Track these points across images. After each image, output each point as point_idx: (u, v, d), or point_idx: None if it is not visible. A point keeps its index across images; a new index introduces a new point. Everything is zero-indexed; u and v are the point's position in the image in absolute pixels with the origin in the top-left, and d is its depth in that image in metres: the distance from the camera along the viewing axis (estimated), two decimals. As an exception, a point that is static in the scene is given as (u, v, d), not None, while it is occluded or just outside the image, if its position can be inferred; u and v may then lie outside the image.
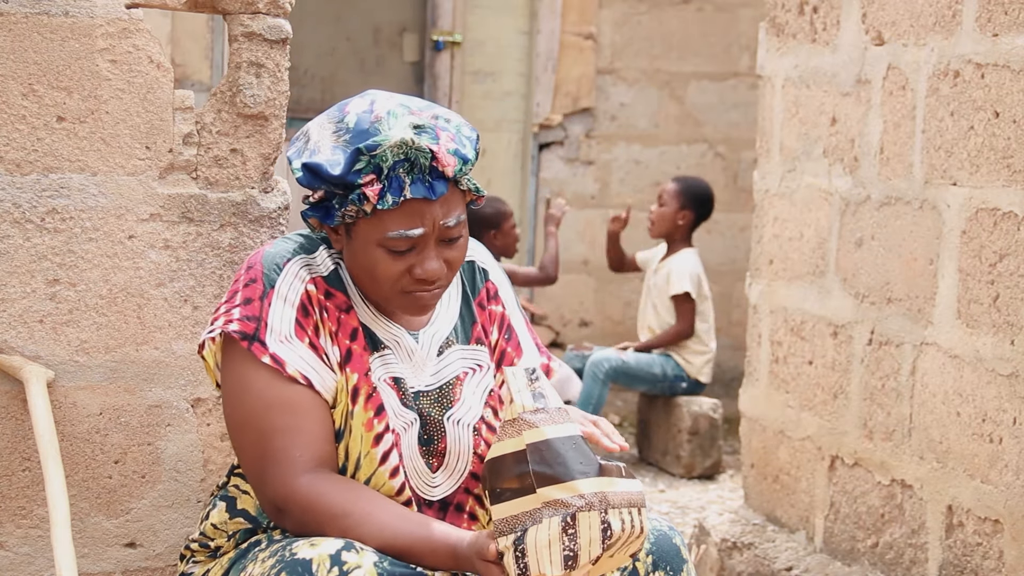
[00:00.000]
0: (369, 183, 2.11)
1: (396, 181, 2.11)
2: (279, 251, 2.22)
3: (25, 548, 2.51)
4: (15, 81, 2.42)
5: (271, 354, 2.14)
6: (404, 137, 2.10)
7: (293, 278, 2.19)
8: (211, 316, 2.23)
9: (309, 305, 2.18)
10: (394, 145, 2.10)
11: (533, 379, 2.07)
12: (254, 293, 2.17)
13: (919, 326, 3.33)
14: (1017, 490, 3.00)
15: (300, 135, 2.21)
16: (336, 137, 2.14)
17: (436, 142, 2.12)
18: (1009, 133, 3.04)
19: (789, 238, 3.92)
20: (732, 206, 7.32)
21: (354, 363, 2.20)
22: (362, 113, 2.15)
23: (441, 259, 2.18)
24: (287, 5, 2.58)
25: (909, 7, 3.39)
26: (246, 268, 2.21)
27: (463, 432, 2.28)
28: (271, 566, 2.04)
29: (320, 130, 2.18)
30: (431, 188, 2.13)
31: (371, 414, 2.19)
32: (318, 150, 2.14)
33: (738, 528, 4.05)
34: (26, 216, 2.45)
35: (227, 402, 2.20)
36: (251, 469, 2.18)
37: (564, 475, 1.98)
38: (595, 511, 1.97)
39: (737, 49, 7.46)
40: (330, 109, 2.22)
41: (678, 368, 6.00)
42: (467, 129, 2.19)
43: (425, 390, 2.27)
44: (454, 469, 2.28)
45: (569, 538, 1.96)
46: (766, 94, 4.05)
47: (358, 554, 2.02)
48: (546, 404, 2.04)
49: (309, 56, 7.21)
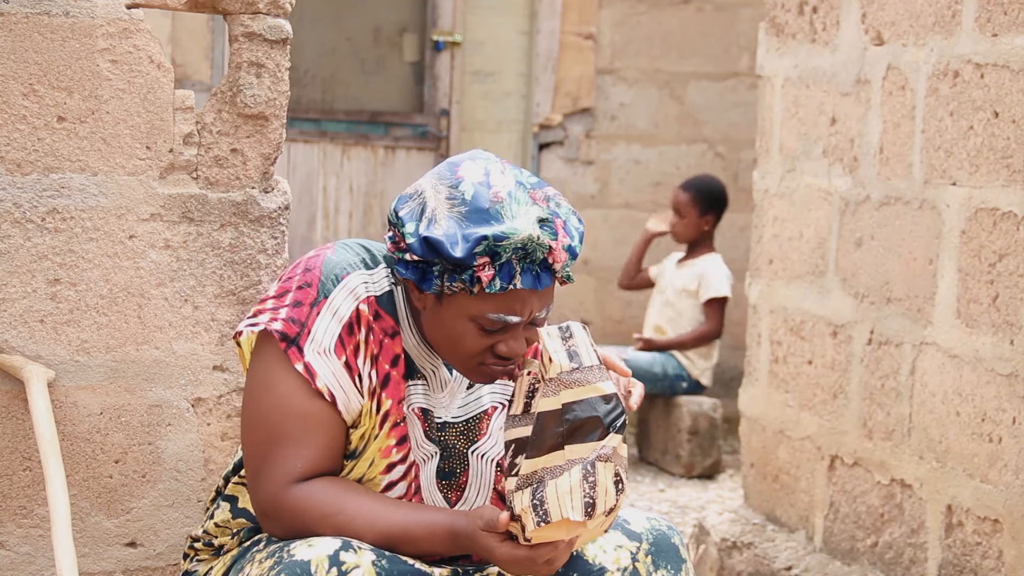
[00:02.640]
0: (482, 266, 2.06)
1: (508, 268, 2.08)
2: (341, 261, 2.17)
3: (26, 548, 2.51)
4: (16, 81, 2.43)
5: (305, 363, 2.12)
6: (532, 234, 2.06)
7: (348, 293, 2.15)
8: (255, 306, 2.19)
9: (356, 324, 2.15)
10: (522, 240, 2.06)
11: (567, 337, 2.08)
12: (305, 298, 2.14)
13: (919, 326, 3.34)
14: (1016, 490, 3.00)
15: (415, 195, 2.14)
16: (451, 206, 2.08)
17: (555, 238, 2.09)
18: (1008, 133, 3.04)
19: (789, 238, 3.92)
20: (732, 206, 7.29)
21: (390, 389, 2.18)
22: (479, 186, 2.10)
23: (525, 339, 2.16)
24: (287, 5, 2.58)
25: (909, 7, 3.39)
26: (303, 270, 2.17)
27: (486, 467, 2.27)
28: (269, 567, 2.04)
29: (435, 196, 2.11)
30: (538, 279, 2.10)
31: (392, 442, 2.18)
32: (435, 220, 2.08)
33: (738, 528, 4.05)
34: (27, 216, 2.45)
35: (248, 395, 2.18)
36: (250, 465, 2.17)
37: (592, 433, 2.01)
38: (611, 463, 2.01)
39: (737, 49, 7.46)
40: (439, 168, 2.16)
41: (679, 368, 6.00)
42: (576, 220, 2.15)
43: (452, 422, 2.25)
44: (473, 503, 2.27)
45: (589, 485, 1.98)
46: (766, 94, 4.06)
47: (356, 554, 2.02)
48: (581, 363, 2.05)
49: (309, 56, 7.21)
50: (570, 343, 2.08)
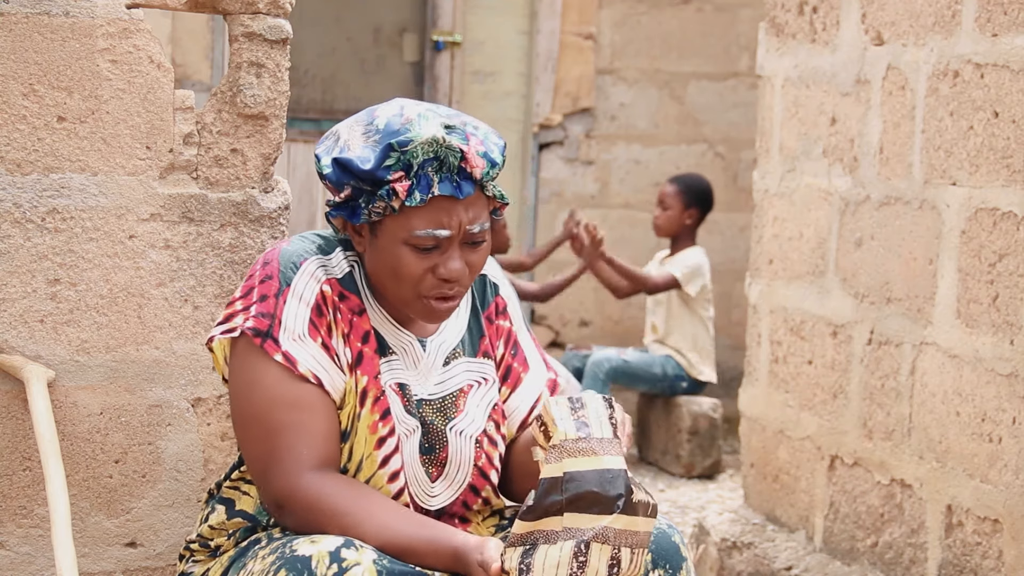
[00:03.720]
0: (398, 179, 2.12)
1: (425, 179, 2.13)
2: (297, 249, 2.22)
3: (25, 547, 2.51)
4: (16, 81, 2.43)
5: (283, 352, 2.15)
6: (436, 135, 2.12)
7: (309, 277, 2.19)
8: (224, 310, 2.22)
9: (324, 305, 2.19)
10: (425, 142, 2.12)
11: (577, 407, 2.06)
12: (269, 290, 2.18)
13: (919, 326, 3.34)
14: (1016, 490, 3.00)
15: (329, 135, 2.23)
16: (366, 137, 2.16)
17: (466, 143, 2.14)
18: (1008, 133, 3.04)
19: (789, 238, 3.92)
20: (732, 206, 7.32)
21: (365, 366, 2.21)
22: (392, 116, 2.17)
23: (463, 261, 2.19)
24: (287, 5, 2.58)
25: (908, 7, 3.39)
26: (262, 264, 2.21)
27: (465, 443, 2.28)
28: (271, 563, 2.05)
29: (350, 130, 2.19)
30: (458, 187, 2.14)
31: (376, 417, 2.20)
32: (348, 147, 2.16)
33: (738, 527, 4.05)
34: (27, 216, 2.45)
35: (235, 397, 2.20)
36: (255, 465, 2.18)
37: (592, 507, 1.98)
38: (609, 545, 1.97)
39: (737, 49, 7.46)
40: (358, 114, 2.23)
41: (678, 368, 6.01)
42: (495, 136, 2.21)
43: (429, 398, 2.27)
44: (453, 479, 2.28)
45: (579, 564, 1.96)
46: (766, 94, 4.06)
47: (357, 551, 2.03)
48: (589, 433, 2.02)
49: (309, 56, 7.21)
50: (580, 413, 2.05)
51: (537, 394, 2.39)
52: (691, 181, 6.20)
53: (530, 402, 2.39)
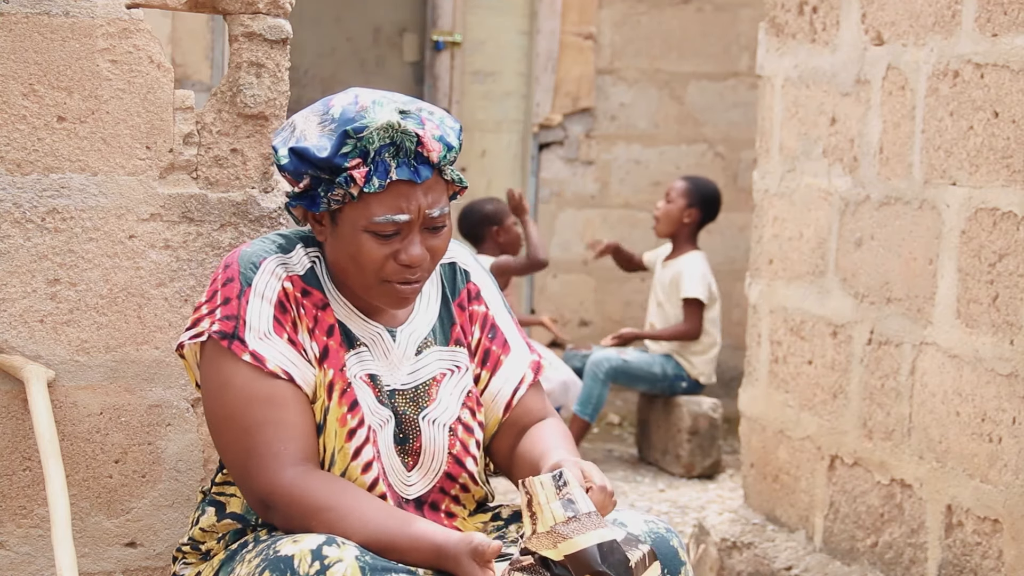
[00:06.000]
0: (355, 166, 2.14)
1: (382, 165, 2.14)
2: (255, 250, 2.24)
3: (25, 547, 2.51)
4: (16, 81, 2.43)
5: (251, 351, 2.17)
6: (391, 120, 2.14)
7: (270, 276, 2.21)
8: (192, 315, 2.25)
9: (287, 302, 2.21)
10: (381, 127, 2.13)
11: (560, 486, 2.05)
12: (232, 292, 2.20)
13: (918, 326, 3.34)
14: (1016, 490, 3.00)
15: (285, 126, 2.24)
16: (322, 126, 2.17)
17: (422, 127, 2.16)
18: (1008, 133, 3.04)
19: (789, 238, 3.92)
20: (732, 206, 7.32)
21: (331, 359, 2.23)
22: (347, 104, 2.19)
23: (424, 247, 2.20)
24: (287, 5, 2.58)
25: (908, 7, 3.39)
26: (223, 267, 2.23)
27: (438, 432, 2.29)
28: (256, 565, 2.07)
29: (306, 120, 2.21)
30: (416, 172, 2.16)
31: (344, 409, 2.21)
32: (305, 137, 2.17)
33: (738, 528, 4.05)
34: (26, 216, 2.45)
35: (208, 400, 2.22)
36: (235, 465, 2.19)
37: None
38: None
39: (737, 49, 7.47)
40: (314, 104, 2.25)
41: (678, 368, 6.01)
42: (450, 120, 2.23)
43: (401, 388, 2.29)
44: (429, 468, 2.29)
45: None
46: (766, 94, 4.06)
47: (339, 548, 2.03)
48: (577, 511, 2.03)
49: (309, 56, 7.21)
50: (564, 491, 2.04)
51: (520, 375, 2.39)
52: (701, 183, 6.16)
53: (514, 383, 2.39)
